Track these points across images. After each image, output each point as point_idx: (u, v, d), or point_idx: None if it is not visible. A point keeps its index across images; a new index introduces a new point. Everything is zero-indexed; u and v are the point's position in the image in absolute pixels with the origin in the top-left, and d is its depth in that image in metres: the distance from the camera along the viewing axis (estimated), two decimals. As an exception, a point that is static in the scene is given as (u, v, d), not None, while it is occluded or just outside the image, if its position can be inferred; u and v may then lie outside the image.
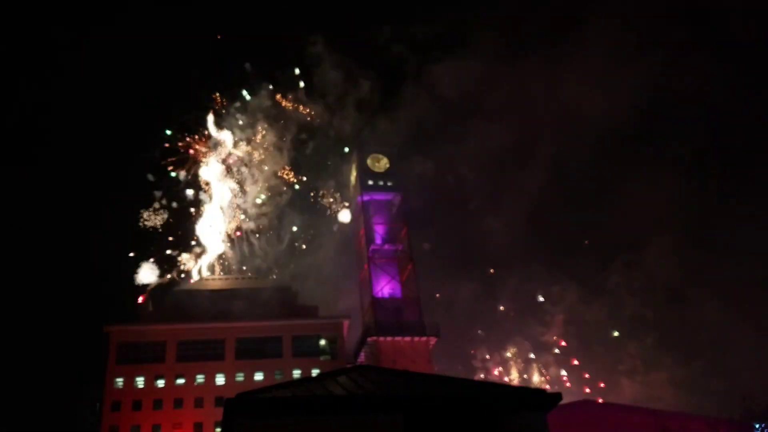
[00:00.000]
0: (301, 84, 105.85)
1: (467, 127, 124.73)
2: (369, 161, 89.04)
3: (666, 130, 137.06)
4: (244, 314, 79.79)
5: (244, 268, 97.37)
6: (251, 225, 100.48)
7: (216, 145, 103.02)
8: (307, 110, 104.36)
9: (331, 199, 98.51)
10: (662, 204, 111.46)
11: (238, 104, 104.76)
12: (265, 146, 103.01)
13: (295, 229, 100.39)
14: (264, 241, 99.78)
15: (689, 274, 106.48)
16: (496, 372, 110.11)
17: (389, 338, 77.08)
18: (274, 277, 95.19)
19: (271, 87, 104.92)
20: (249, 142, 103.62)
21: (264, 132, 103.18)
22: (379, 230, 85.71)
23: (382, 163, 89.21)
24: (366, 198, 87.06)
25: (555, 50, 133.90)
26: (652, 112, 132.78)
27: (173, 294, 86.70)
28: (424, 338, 77.90)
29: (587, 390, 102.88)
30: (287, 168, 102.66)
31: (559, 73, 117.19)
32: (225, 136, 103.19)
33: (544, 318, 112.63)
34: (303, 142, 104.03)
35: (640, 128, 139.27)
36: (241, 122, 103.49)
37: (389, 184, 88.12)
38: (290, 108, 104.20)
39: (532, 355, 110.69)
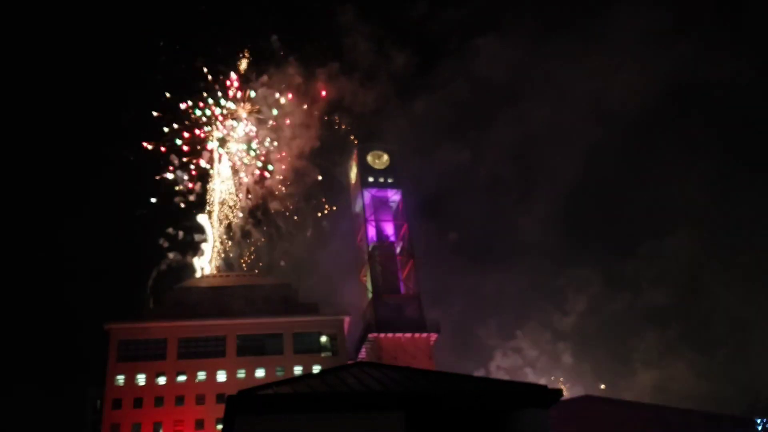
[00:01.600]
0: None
1: (496, 114, 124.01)
2: (369, 158, 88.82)
3: (694, 117, 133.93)
4: (244, 311, 79.73)
5: (247, 261, 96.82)
6: (278, 206, 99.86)
7: (239, 121, 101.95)
8: (338, 86, 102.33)
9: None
10: (687, 192, 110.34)
11: (265, 78, 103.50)
12: (292, 123, 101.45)
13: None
14: (291, 224, 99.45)
15: (711, 263, 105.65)
16: (509, 362, 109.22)
17: (390, 335, 77.12)
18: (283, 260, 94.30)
19: (299, 61, 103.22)
20: (275, 119, 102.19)
21: (290, 109, 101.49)
22: (380, 227, 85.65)
23: (382, 160, 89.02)
24: (366, 195, 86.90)
25: (586, 34, 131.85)
26: (681, 98, 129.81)
27: (174, 291, 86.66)
28: (424, 334, 77.93)
29: (601, 385, 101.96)
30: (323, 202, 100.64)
31: (589, 58, 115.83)
32: (249, 115, 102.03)
33: (564, 306, 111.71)
34: (333, 122, 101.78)
35: (668, 115, 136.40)
36: (267, 99, 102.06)
37: (390, 180, 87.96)
38: (321, 84, 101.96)
39: (546, 343, 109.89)
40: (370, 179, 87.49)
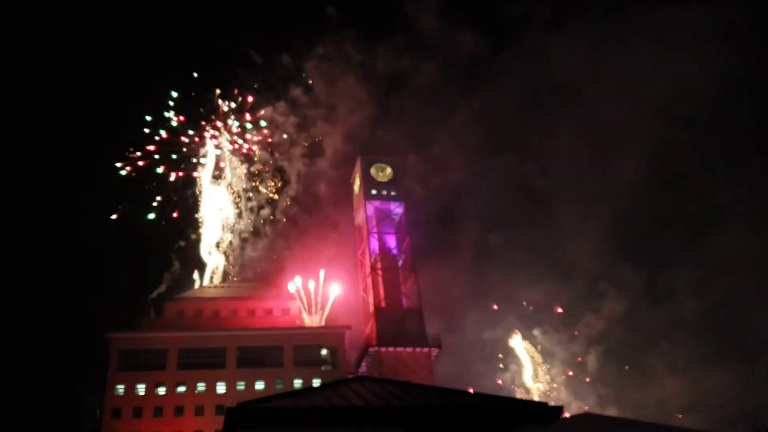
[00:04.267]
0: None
1: (546, 112, 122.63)
2: (373, 170, 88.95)
3: (746, 123, 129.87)
4: (245, 322, 79.62)
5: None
6: (326, 190, 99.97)
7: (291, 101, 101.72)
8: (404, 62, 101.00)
9: None
10: (732, 198, 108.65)
11: (320, 50, 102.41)
12: (346, 101, 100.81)
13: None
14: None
15: (750, 272, 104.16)
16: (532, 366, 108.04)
17: (391, 349, 76.77)
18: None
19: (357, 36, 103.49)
20: (326, 96, 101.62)
21: (344, 85, 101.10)
22: (383, 240, 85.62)
23: (386, 173, 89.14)
24: (369, 207, 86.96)
25: (643, 28, 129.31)
26: (733, 100, 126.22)
27: (175, 301, 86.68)
28: (426, 349, 77.56)
29: (618, 398, 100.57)
30: None
31: (645, 54, 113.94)
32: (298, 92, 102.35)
33: (600, 311, 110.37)
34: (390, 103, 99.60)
35: (721, 119, 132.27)
36: (321, 72, 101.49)
37: (393, 193, 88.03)
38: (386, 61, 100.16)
39: (576, 348, 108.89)
40: (374, 192, 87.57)
